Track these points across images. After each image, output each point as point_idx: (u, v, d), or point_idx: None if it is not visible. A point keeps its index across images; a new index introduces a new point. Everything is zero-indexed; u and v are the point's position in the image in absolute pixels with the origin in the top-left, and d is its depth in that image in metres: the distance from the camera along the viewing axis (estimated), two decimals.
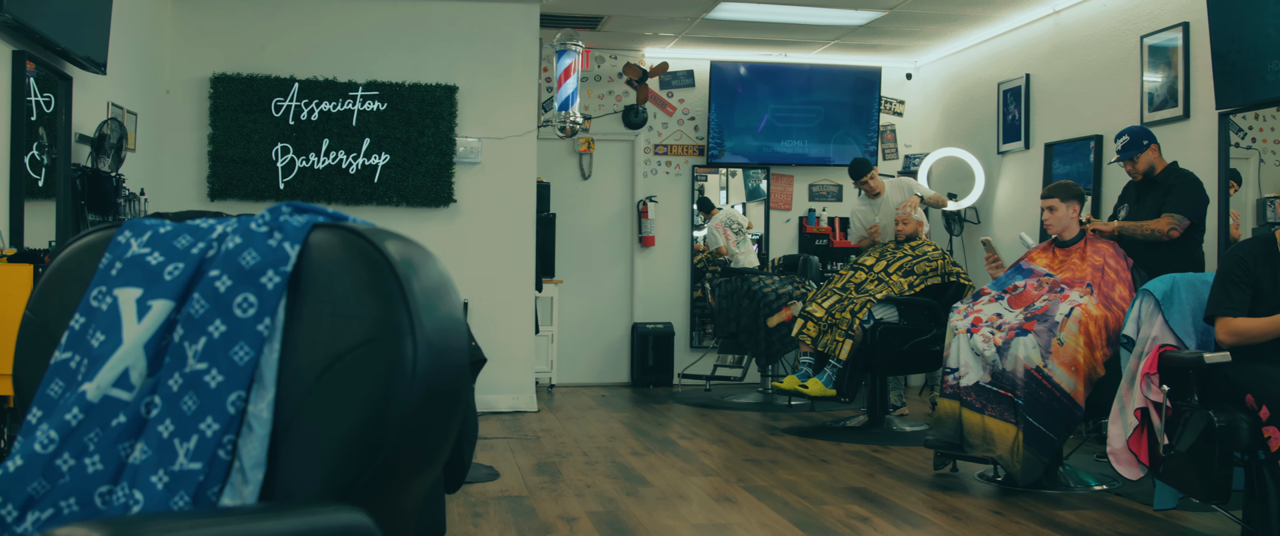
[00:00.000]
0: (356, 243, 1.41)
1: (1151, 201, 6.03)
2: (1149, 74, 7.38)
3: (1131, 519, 4.93)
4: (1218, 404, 4.02)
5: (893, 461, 6.28)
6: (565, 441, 6.87)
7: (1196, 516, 4.88)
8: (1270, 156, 6.51)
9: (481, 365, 4.18)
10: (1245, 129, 6.60)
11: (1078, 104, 8.20)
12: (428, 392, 1.32)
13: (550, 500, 5.15)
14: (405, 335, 1.32)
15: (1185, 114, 7.03)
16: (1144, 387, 4.25)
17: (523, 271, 8.27)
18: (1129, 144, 6.10)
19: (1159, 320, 4.39)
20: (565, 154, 10.08)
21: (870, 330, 6.86)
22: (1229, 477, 3.95)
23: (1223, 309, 4.15)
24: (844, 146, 10.28)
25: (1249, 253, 4.20)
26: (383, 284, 1.35)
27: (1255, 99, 6.38)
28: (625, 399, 9.21)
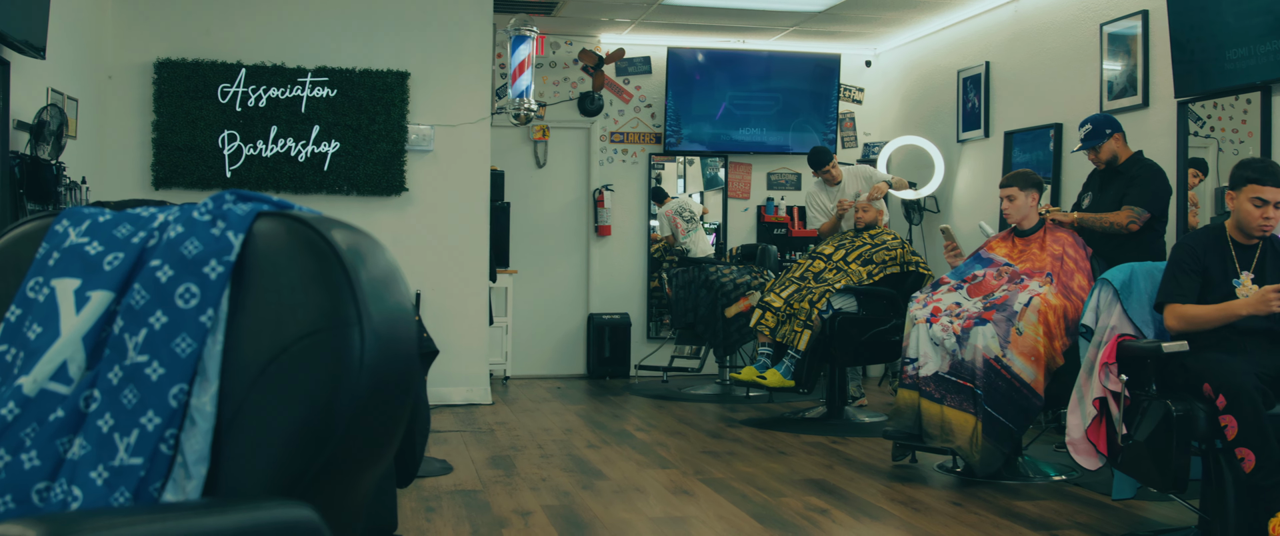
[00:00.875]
0: (302, 231, 1.40)
1: (1114, 191, 6.09)
2: (1109, 62, 7.44)
3: (1090, 509, 4.98)
4: (1175, 393, 4.07)
5: (851, 452, 6.32)
6: (520, 434, 6.86)
7: (1155, 506, 4.94)
8: (1228, 145, 6.58)
9: (433, 357, 4.17)
10: (1204, 118, 6.68)
11: (1037, 92, 8.26)
12: (376, 384, 1.31)
13: (505, 494, 5.14)
14: (352, 326, 1.31)
15: (1144, 102, 7.11)
16: (1102, 377, 4.30)
17: (476, 261, 8.24)
18: (1091, 133, 6.16)
19: (1117, 309, 4.44)
20: (520, 142, 10.05)
21: (829, 320, 6.89)
22: (1187, 467, 4.00)
23: (1171, 296, 4.21)
24: (803, 134, 10.31)
25: (1199, 242, 4.28)
26: (329, 273, 1.34)
27: (1214, 87, 6.46)
28: (581, 391, 9.21)
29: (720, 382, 9.08)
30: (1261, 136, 6.16)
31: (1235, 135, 6.49)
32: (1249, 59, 6.17)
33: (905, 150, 9.72)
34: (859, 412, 7.54)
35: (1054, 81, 8.07)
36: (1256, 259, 4.26)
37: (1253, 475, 3.83)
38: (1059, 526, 4.63)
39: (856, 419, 7.36)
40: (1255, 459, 3.82)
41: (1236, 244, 4.27)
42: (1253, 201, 4.15)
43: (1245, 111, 6.34)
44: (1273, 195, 4.12)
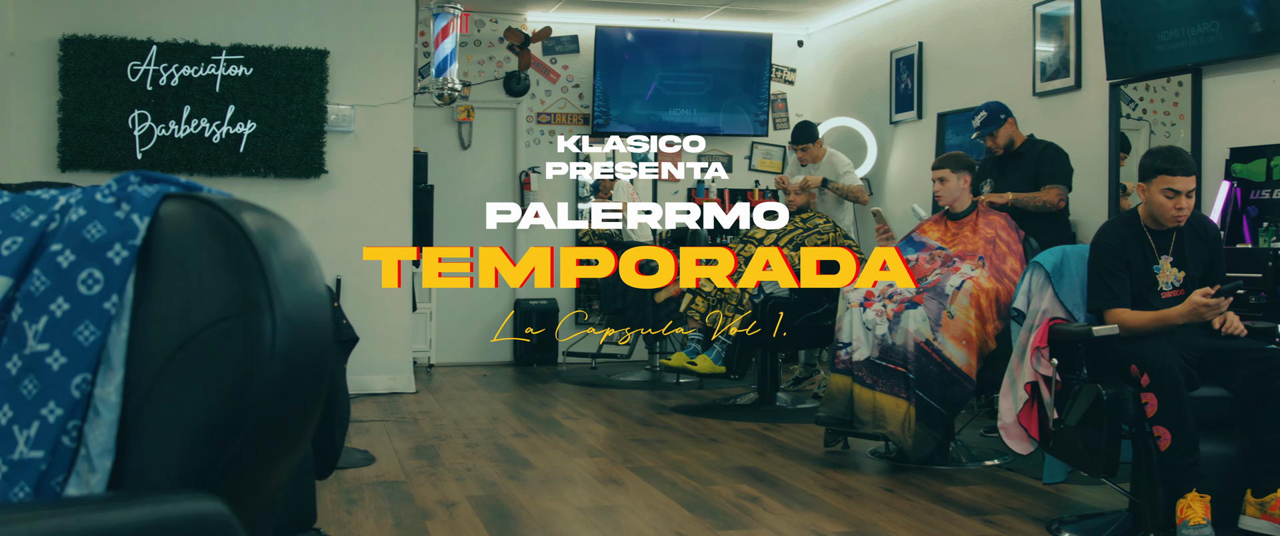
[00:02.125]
0: (211, 214, 1.38)
1: (1018, 174, 6.22)
2: (1042, 43, 7.54)
3: (1022, 493, 5.06)
4: (1106, 377, 4.14)
5: (783, 439, 6.37)
6: (445, 423, 6.84)
7: (1086, 490, 5.03)
8: (1161, 127, 6.70)
9: (353, 344, 4.14)
10: (1136, 99, 6.80)
11: (970, 73, 8.36)
12: (288, 372, 1.30)
13: (429, 485, 5.12)
14: (263, 312, 1.29)
15: (1077, 84, 7.21)
16: (1034, 361, 4.36)
17: (399, 245, 8.18)
18: (987, 119, 6.31)
19: (1049, 293, 4.50)
20: (443, 123, 9.99)
21: (760, 304, 6.93)
22: (1117, 450, 4.07)
23: (1106, 302, 4.28)
24: (734, 115, 10.35)
25: (1116, 237, 4.34)
26: (239, 258, 1.33)
27: (1146, 69, 6.57)
28: (508, 378, 9.19)
29: (650, 369, 9.10)
30: (1192, 118, 6.27)
31: (1167, 118, 6.61)
32: (1180, 41, 6.28)
33: (838, 132, 9.78)
34: (793, 396, 7.60)
35: (987, 63, 8.16)
36: (1173, 242, 4.34)
37: (1167, 454, 3.92)
38: (991, 511, 4.69)
39: (788, 404, 7.42)
40: (1171, 438, 3.90)
41: (1151, 231, 4.34)
42: (1164, 192, 4.21)
43: (1177, 93, 6.45)
44: (1184, 185, 4.19)
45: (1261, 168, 5.83)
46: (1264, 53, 5.82)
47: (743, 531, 4.34)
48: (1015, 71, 7.81)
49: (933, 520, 4.54)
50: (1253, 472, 4.01)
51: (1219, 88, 6.17)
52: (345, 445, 5.23)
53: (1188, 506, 3.87)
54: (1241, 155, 5.96)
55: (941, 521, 4.52)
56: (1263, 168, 5.83)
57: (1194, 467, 3.92)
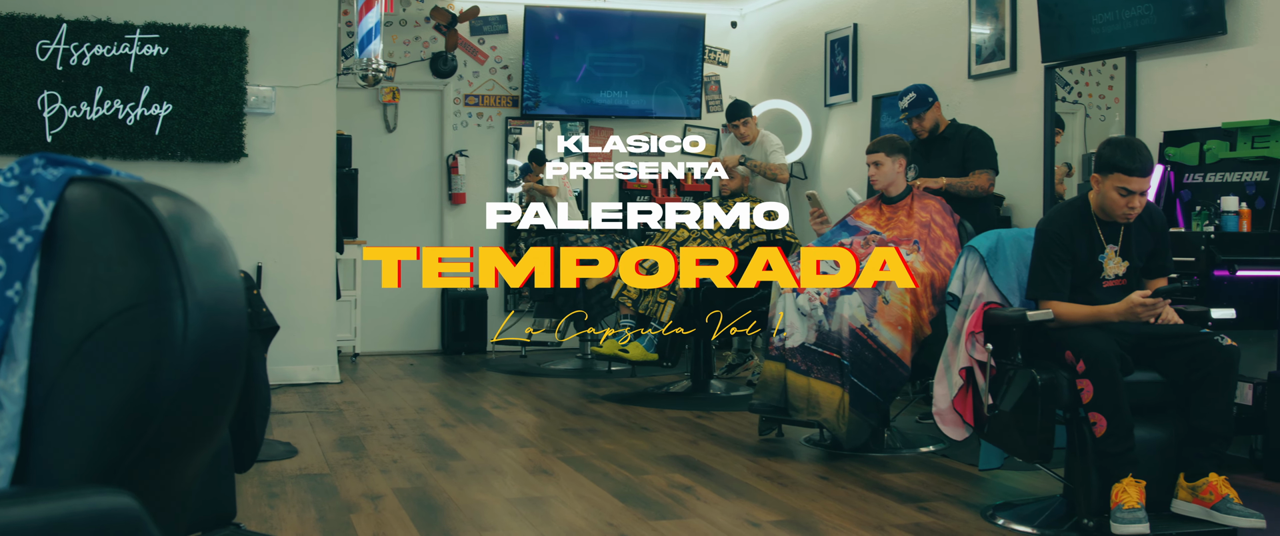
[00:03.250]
0: (120, 199, 1.35)
1: (944, 159, 6.29)
2: (977, 25, 7.62)
3: (957, 480, 5.12)
4: (1040, 362, 4.19)
5: (717, 427, 6.39)
6: (370, 414, 6.79)
7: (1021, 476, 5.10)
8: (1096, 111, 6.79)
9: (274, 333, 4.09)
10: (1072, 82, 6.89)
11: (906, 55, 8.42)
12: (201, 361, 1.28)
13: (353, 477, 5.09)
14: (174, 299, 1.27)
15: (1012, 67, 7.30)
16: (969, 346, 4.40)
17: (322, 231, 8.12)
18: (916, 101, 6.36)
19: (984, 277, 4.54)
20: (368, 104, 9.90)
21: (693, 291, 6.94)
22: (1052, 436, 4.13)
23: (1045, 293, 4.32)
24: (666, 98, 10.36)
25: (1064, 227, 4.37)
26: (149, 244, 1.30)
27: (1081, 52, 6.66)
28: (435, 367, 9.15)
29: (581, 357, 9.10)
30: (1126, 102, 6.37)
31: (1102, 101, 6.70)
32: (1115, 24, 6.37)
33: (772, 114, 9.81)
34: (728, 384, 7.64)
35: (923, 45, 8.23)
36: (1121, 233, 4.40)
37: (1102, 440, 3.98)
38: (926, 498, 4.75)
39: (728, 391, 7.46)
40: (1106, 424, 3.96)
41: (1100, 220, 4.39)
42: (1118, 190, 4.23)
43: (1112, 77, 6.55)
44: (1138, 185, 4.22)
45: (1194, 151, 5.93)
46: (1197, 36, 5.92)
47: (675, 521, 4.36)
48: (951, 54, 7.88)
49: (867, 507, 4.58)
50: (1185, 457, 4.08)
51: (1153, 71, 6.27)
52: (266, 437, 5.17)
53: (1123, 491, 3.93)
54: (1175, 139, 6.06)
55: (876, 509, 4.56)
56: (1195, 151, 5.93)
57: (1129, 453, 3.99)
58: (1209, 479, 4.00)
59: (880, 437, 5.71)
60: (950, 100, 7.89)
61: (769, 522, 4.35)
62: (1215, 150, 5.81)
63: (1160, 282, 4.42)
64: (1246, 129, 5.63)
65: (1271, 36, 5.61)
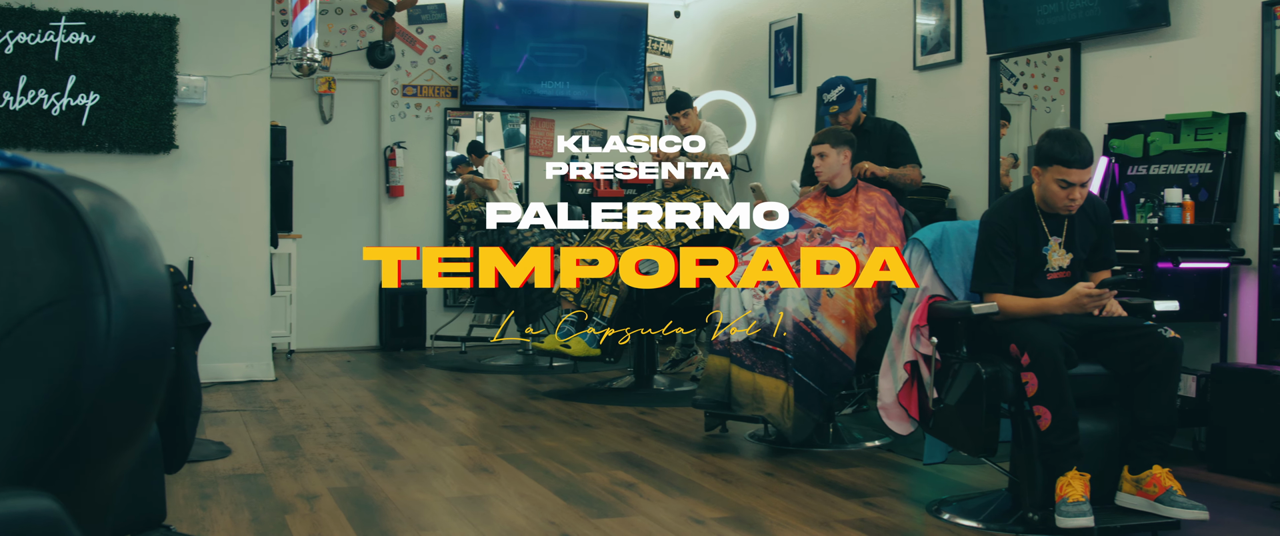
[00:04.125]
0: (39, 191, 1.33)
1: (867, 152, 6.31)
2: (922, 16, 7.67)
3: (902, 474, 5.16)
4: (985, 355, 4.23)
5: (660, 424, 6.40)
6: (306, 412, 6.75)
7: (966, 470, 5.15)
8: (1041, 103, 6.86)
9: (205, 329, 4.06)
10: (1017, 74, 6.95)
11: (851, 46, 8.47)
12: (124, 359, 1.26)
13: (288, 477, 5.05)
14: (97, 295, 1.25)
15: (957, 58, 7.35)
16: (913, 340, 4.44)
17: (256, 225, 8.05)
18: (845, 94, 6.38)
19: (929, 270, 4.58)
20: (303, 95, 9.82)
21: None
22: (996, 430, 4.17)
23: (990, 285, 4.36)
24: (608, 88, 10.35)
25: (1008, 220, 4.41)
26: (70, 238, 1.28)
27: (1027, 43, 6.72)
28: (373, 364, 9.10)
29: (522, 353, 9.08)
30: (1071, 94, 6.44)
31: (1047, 93, 6.77)
32: (1060, 15, 6.44)
33: (716, 106, 9.84)
34: (670, 380, 7.65)
35: (868, 35, 8.27)
36: (1065, 225, 4.44)
37: (1046, 433, 4.03)
38: (871, 493, 4.78)
39: (672, 387, 7.47)
40: (1051, 417, 4.01)
41: (1044, 213, 4.43)
42: (1058, 182, 4.27)
43: (1057, 69, 6.62)
44: (1079, 176, 4.26)
45: (1138, 143, 6.01)
46: (1141, 28, 5.99)
47: (618, 519, 4.36)
48: (896, 45, 7.93)
49: (812, 503, 4.60)
50: (1129, 449, 4.13)
51: (1097, 63, 6.34)
52: (198, 437, 5.14)
53: (1067, 484, 3.98)
54: (1119, 131, 6.13)
55: (821, 504, 4.59)
56: (1139, 143, 6.00)
57: (1073, 446, 4.03)
58: (1153, 471, 4.05)
59: (825, 432, 5.74)
60: (895, 92, 7.96)
61: (713, 519, 4.36)
62: (1159, 142, 5.89)
63: (1104, 275, 4.47)
64: (1189, 121, 5.71)
65: (1213, 28, 5.69)
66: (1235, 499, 4.70)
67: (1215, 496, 4.61)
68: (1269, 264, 5.36)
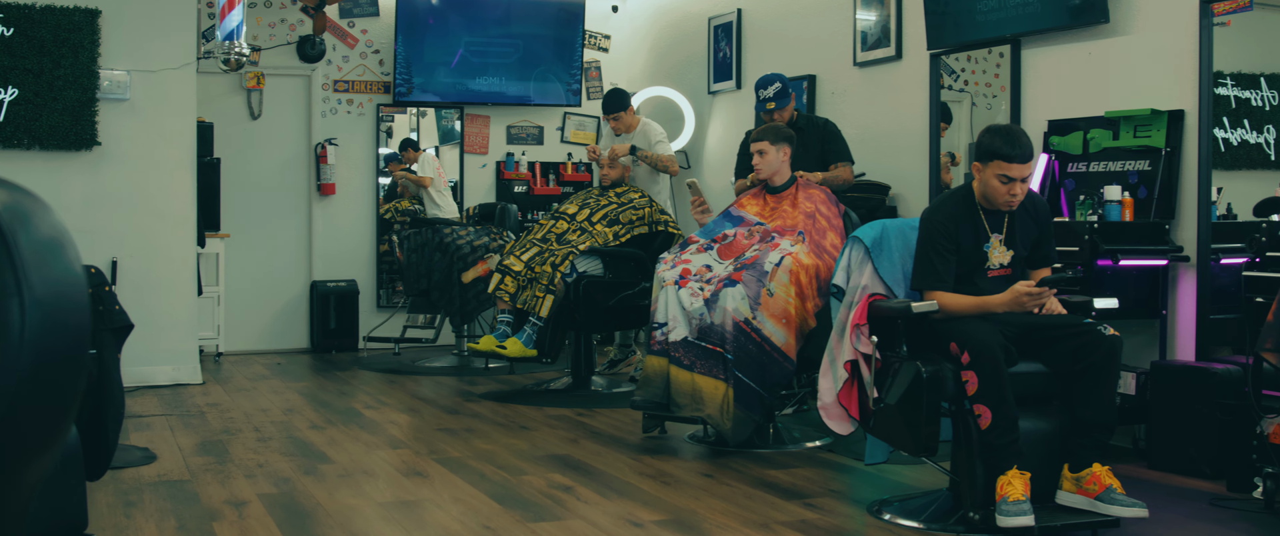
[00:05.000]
0: None
1: (801, 150, 6.32)
2: (862, 12, 7.72)
3: (843, 474, 5.20)
4: (925, 354, 4.27)
5: (598, 425, 6.40)
6: (235, 416, 6.68)
7: (907, 470, 5.19)
8: (982, 99, 6.93)
9: (127, 331, 4.01)
10: (958, 70, 7.01)
11: (791, 42, 8.51)
12: (39, 362, 1.24)
13: (216, 483, 5.00)
14: (10, 297, 1.24)
15: (897, 54, 7.41)
16: (853, 339, 4.46)
17: (182, 224, 7.95)
18: (781, 91, 6.42)
19: (868, 268, 4.61)
20: (231, 90, 9.73)
21: (573, 284, 6.94)
22: (937, 429, 4.20)
23: (930, 283, 4.39)
24: (545, 84, 10.33)
25: (949, 217, 4.44)
26: None
27: (967, 40, 6.79)
28: (304, 366, 9.03)
29: (457, 354, 9.05)
30: (1012, 90, 6.50)
31: (988, 89, 6.84)
32: (999, 11, 6.50)
33: (654, 102, 9.85)
34: (609, 380, 7.66)
35: (808, 31, 8.32)
36: (1005, 222, 4.49)
37: (987, 432, 4.07)
38: (812, 494, 4.81)
39: (610, 388, 7.47)
40: (991, 416, 4.05)
41: (984, 210, 4.47)
42: (999, 178, 4.32)
43: (998, 65, 6.68)
44: (1019, 172, 4.31)
45: (1078, 140, 6.09)
46: (1081, 24, 6.06)
47: (555, 523, 4.36)
48: (836, 40, 7.98)
49: (752, 505, 4.62)
50: (1069, 447, 4.18)
51: (1037, 59, 6.41)
52: (121, 442, 5.07)
53: (1008, 483, 4.02)
54: (1059, 128, 6.20)
55: (761, 506, 4.61)
56: (1079, 140, 6.08)
57: (1014, 445, 4.07)
58: (1093, 469, 4.10)
59: (765, 433, 5.76)
60: (835, 88, 8.01)
61: (652, 522, 4.37)
62: (1098, 139, 5.97)
63: (1044, 272, 4.52)
64: (1129, 118, 5.79)
65: (1152, 25, 5.77)
66: (1174, 496, 4.77)
67: (1155, 493, 4.68)
68: (1207, 261, 5.44)
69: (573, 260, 6.99)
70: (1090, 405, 4.16)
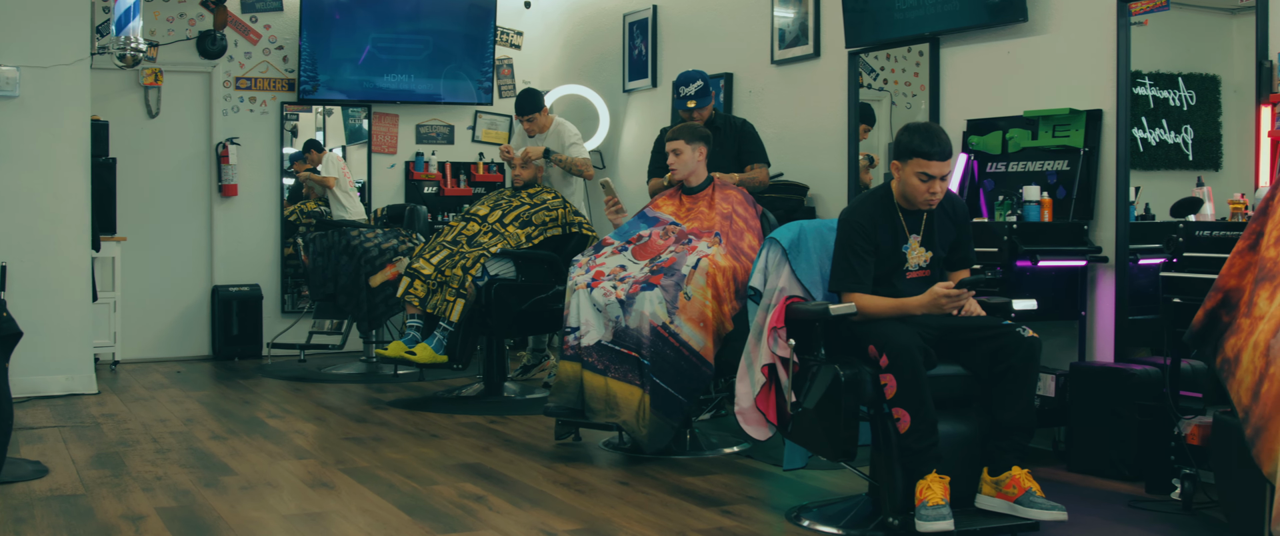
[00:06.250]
0: None
1: (718, 150, 6.37)
2: (780, 9, 7.77)
3: (761, 481, 5.23)
4: (844, 357, 4.30)
5: (511, 432, 6.39)
6: (132, 427, 6.59)
7: (826, 475, 5.23)
8: (902, 98, 7.01)
9: (16, 339, 3.94)
10: (878, 69, 7.08)
11: (707, 39, 8.54)
12: None
13: (112, 497, 4.92)
14: None
15: (815, 52, 7.47)
16: (771, 342, 4.49)
17: (75, 227, 7.82)
18: (703, 90, 6.45)
19: (786, 270, 4.64)
20: (127, 87, 9.58)
21: (484, 288, 6.92)
22: (855, 433, 4.24)
23: (848, 285, 4.43)
24: (456, 82, 10.29)
25: (867, 217, 4.48)
26: None
27: (886, 37, 6.86)
28: (205, 374, 8.93)
29: (365, 360, 8.99)
30: (931, 89, 6.58)
31: (908, 88, 6.92)
32: (919, 9, 6.58)
33: (568, 100, 9.85)
34: (521, 386, 7.65)
35: (725, 28, 8.36)
36: (924, 222, 4.54)
37: (906, 436, 4.11)
38: (730, 501, 4.83)
39: (523, 394, 7.46)
40: (910, 419, 4.09)
41: (903, 209, 4.52)
42: (918, 175, 4.37)
43: (918, 63, 6.76)
44: (939, 169, 4.36)
45: (997, 140, 6.18)
46: (1000, 23, 6.15)
47: (466, 534, 4.34)
48: (753, 38, 8.02)
49: (669, 513, 4.64)
50: (988, 451, 4.25)
51: (957, 58, 6.49)
52: (10, 455, 4.99)
53: (927, 488, 4.07)
54: (978, 128, 6.29)
55: (678, 514, 4.62)
56: (998, 140, 6.17)
57: (933, 448, 4.12)
58: (1012, 472, 4.16)
59: (682, 439, 5.78)
60: (753, 86, 8.06)
61: (565, 532, 4.37)
62: (1017, 139, 6.06)
63: (963, 274, 4.58)
64: (1047, 117, 5.88)
65: (1070, 24, 5.87)
66: (1093, 498, 4.86)
67: (1074, 496, 4.77)
68: (1125, 262, 5.55)
69: (484, 263, 6.97)
70: (1009, 408, 4.23)
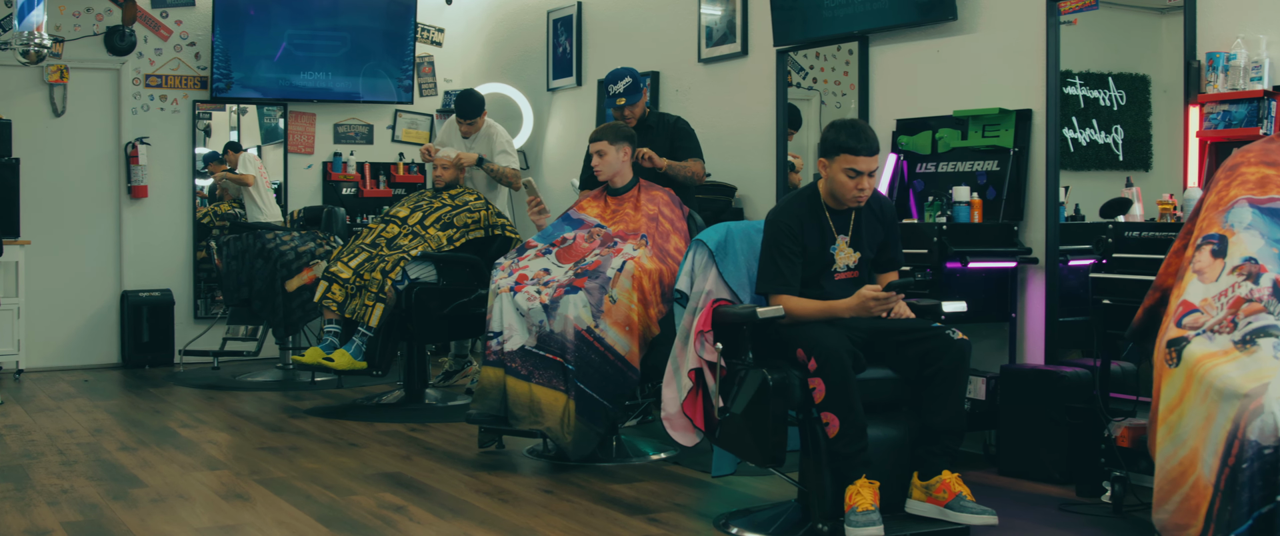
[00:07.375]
0: None
1: (651, 148, 6.37)
2: (707, 7, 7.80)
3: (689, 488, 5.24)
4: (772, 361, 4.32)
5: (432, 441, 6.37)
6: (36, 438, 6.49)
7: (755, 481, 5.26)
8: (831, 97, 7.06)
9: None
10: (807, 68, 7.13)
11: (633, 37, 8.56)
12: None
13: (15, 512, 4.85)
14: None
15: (743, 51, 7.51)
16: (698, 346, 4.50)
17: None
18: (632, 86, 6.44)
19: (713, 273, 4.65)
20: (30, 85, 9.44)
21: (405, 292, 6.89)
22: (784, 439, 4.26)
23: (776, 286, 4.45)
24: (375, 80, 10.24)
25: (794, 217, 4.51)
26: None
27: (815, 36, 6.91)
28: (114, 383, 8.82)
29: (281, 367, 8.92)
30: (860, 88, 6.64)
31: (837, 87, 6.97)
32: (847, 7, 6.63)
33: (491, 99, 9.79)
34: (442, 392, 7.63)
35: (651, 26, 8.38)
36: (851, 222, 4.57)
37: (835, 441, 4.14)
38: (656, 509, 4.84)
39: (445, 401, 7.44)
40: (839, 424, 4.12)
41: (831, 210, 4.55)
42: (846, 172, 4.40)
43: (847, 62, 6.81)
44: (867, 165, 4.40)
45: (927, 140, 6.24)
46: (929, 21, 6.22)
47: None
48: (680, 36, 8.05)
49: (594, 521, 4.64)
50: (918, 455, 4.28)
51: (886, 56, 6.55)
52: None
53: (857, 493, 4.09)
54: (908, 127, 6.35)
55: (603, 522, 4.62)
56: (928, 140, 6.23)
57: (862, 453, 4.15)
58: (942, 476, 4.20)
59: (608, 446, 5.78)
60: (680, 85, 8.08)
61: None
62: (947, 139, 6.13)
63: (892, 276, 4.62)
64: (977, 117, 5.95)
65: (1000, 23, 5.94)
66: (1024, 501, 4.92)
67: (1004, 499, 4.82)
68: (1056, 263, 5.62)
69: (404, 266, 6.94)
70: (939, 411, 4.26)
